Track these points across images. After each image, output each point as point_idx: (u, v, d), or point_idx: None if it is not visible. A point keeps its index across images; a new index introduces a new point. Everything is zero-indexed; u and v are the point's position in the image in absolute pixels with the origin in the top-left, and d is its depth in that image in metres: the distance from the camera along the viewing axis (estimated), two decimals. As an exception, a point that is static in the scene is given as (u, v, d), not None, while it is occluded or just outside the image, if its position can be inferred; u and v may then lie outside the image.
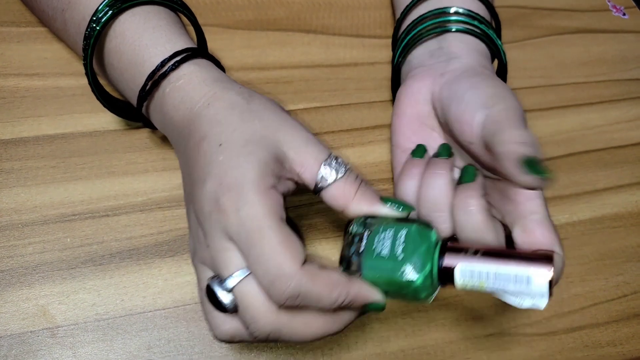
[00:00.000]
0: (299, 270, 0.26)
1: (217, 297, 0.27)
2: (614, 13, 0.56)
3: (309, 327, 0.27)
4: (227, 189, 0.27)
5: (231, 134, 0.29)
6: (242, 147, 0.28)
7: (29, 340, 0.32)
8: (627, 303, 0.41)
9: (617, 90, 0.51)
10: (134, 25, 0.33)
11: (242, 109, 0.30)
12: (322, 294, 0.26)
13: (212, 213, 0.27)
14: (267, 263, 0.26)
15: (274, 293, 0.26)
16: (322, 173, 0.29)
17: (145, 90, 0.32)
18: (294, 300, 0.26)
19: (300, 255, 0.26)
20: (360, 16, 0.49)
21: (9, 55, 0.40)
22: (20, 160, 0.37)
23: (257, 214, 0.26)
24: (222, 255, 0.27)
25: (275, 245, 0.26)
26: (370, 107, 0.44)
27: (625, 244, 0.43)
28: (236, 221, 0.26)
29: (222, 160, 0.28)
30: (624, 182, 0.46)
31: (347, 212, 0.29)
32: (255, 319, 0.27)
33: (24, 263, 0.34)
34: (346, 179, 0.29)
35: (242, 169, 0.27)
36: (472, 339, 0.37)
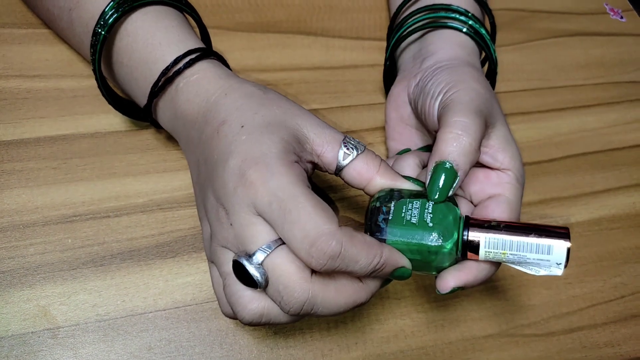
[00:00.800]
0: (338, 229, 0.26)
1: (247, 272, 0.27)
2: (612, 16, 0.57)
3: (341, 295, 0.28)
4: (254, 162, 0.27)
5: (252, 116, 0.29)
6: (264, 127, 0.29)
7: (30, 341, 0.32)
8: (625, 304, 0.41)
9: (615, 93, 0.51)
10: (146, 24, 0.34)
11: (259, 97, 0.31)
12: (361, 254, 0.26)
13: (238, 188, 0.27)
14: (306, 226, 0.26)
15: (315, 255, 0.26)
16: (343, 151, 0.30)
17: (158, 87, 0.33)
18: (334, 260, 0.26)
19: (335, 218, 0.27)
20: (360, 19, 0.50)
21: (10, 56, 0.40)
22: (21, 161, 0.37)
23: (287, 183, 0.27)
24: (249, 230, 0.27)
25: (310, 209, 0.26)
26: (370, 109, 0.45)
27: (623, 246, 0.43)
28: (266, 192, 0.26)
29: (245, 139, 0.28)
30: (622, 184, 0.46)
31: (370, 187, 0.30)
32: (289, 288, 0.27)
33: (25, 264, 0.34)
34: (366, 155, 0.30)
35: (267, 145, 0.28)
36: (471, 340, 0.37)
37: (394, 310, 0.37)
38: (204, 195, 0.31)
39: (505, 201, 0.31)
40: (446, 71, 0.35)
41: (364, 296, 0.29)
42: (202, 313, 0.35)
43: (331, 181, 0.41)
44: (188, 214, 0.37)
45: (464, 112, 0.30)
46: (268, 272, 0.27)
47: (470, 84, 0.33)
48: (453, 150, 0.29)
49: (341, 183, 0.41)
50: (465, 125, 0.30)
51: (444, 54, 0.37)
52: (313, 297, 0.27)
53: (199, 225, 0.37)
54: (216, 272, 0.30)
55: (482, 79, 0.35)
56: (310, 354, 0.35)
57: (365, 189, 0.31)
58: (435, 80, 0.35)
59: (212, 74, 0.33)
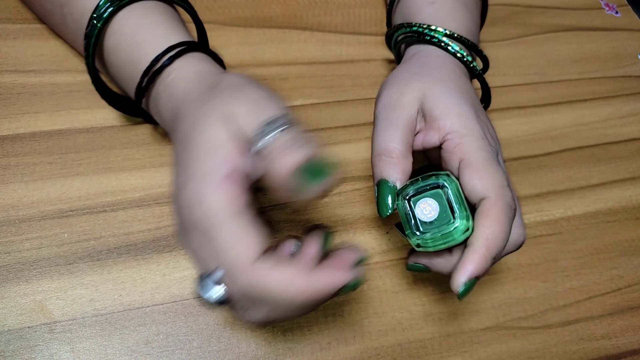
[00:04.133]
0: (250, 267, 0.25)
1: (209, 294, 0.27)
2: (607, 11, 0.57)
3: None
4: (186, 185, 0.27)
5: (191, 125, 0.28)
6: (200, 137, 0.27)
7: (27, 335, 0.32)
8: (622, 296, 0.41)
9: (610, 87, 0.52)
10: (130, 22, 0.33)
11: (205, 96, 0.29)
12: (274, 292, 0.25)
13: (182, 208, 0.27)
14: (221, 258, 0.26)
15: (231, 286, 0.26)
16: (258, 137, 0.27)
17: (142, 87, 0.32)
18: (252, 290, 0.26)
19: (254, 248, 0.26)
20: (356, 14, 0.49)
21: (5, 51, 0.40)
22: (17, 156, 0.37)
23: (216, 205, 0.26)
24: (202, 250, 0.27)
25: (233, 236, 0.25)
26: (367, 103, 0.45)
27: (619, 238, 0.43)
28: (200, 213, 0.26)
29: (187, 157, 0.28)
30: (618, 178, 0.46)
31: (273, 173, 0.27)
32: (248, 305, 0.27)
33: (21, 259, 0.34)
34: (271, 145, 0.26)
35: (198, 162, 0.27)
36: (469, 333, 0.37)
37: (392, 303, 0.37)
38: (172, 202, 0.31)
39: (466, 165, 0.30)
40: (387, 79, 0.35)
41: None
42: (200, 307, 0.35)
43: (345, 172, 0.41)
44: (185, 208, 0.37)
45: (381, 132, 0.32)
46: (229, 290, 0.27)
47: (383, 92, 0.34)
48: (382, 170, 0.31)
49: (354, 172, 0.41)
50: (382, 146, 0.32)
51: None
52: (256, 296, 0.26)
53: (195, 219, 0.37)
54: None
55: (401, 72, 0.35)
56: (309, 348, 0.35)
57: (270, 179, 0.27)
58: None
59: (186, 75, 0.32)
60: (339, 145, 0.42)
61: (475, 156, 0.30)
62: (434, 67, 0.35)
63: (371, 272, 0.38)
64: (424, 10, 0.39)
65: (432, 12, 0.39)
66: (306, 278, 0.26)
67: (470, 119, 0.31)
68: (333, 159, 0.26)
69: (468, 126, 0.31)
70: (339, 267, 0.27)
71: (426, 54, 0.37)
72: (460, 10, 0.39)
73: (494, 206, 0.29)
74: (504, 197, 0.29)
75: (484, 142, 0.31)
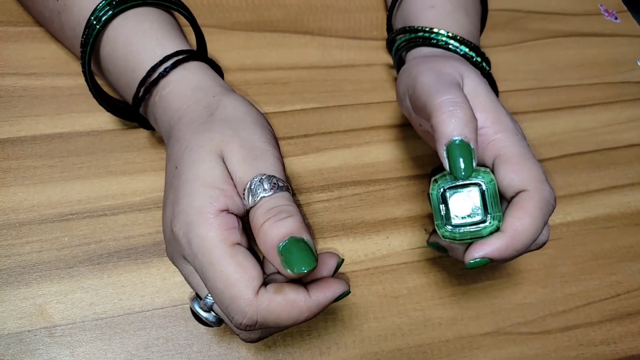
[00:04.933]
0: (253, 301, 0.25)
1: (202, 318, 0.29)
2: (606, 17, 0.57)
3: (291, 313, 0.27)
4: (177, 218, 0.27)
5: (183, 153, 0.28)
6: (191, 171, 0.27)
7: (27, 339, 0.32)
8: (621, 302, 0.41)
9: (609, 93, 0.52)
10: (125, 30, 0.33)
11: (200, 122, 0.29)
12: (281, 317, 0.26)
13: (171, 241, 0.28)
14: (222, 296, 0.26)
15: (234, 323, 0.26)
16: (245, 195, 0.27)
17: (139, 97, 0.32)
18: (253, 327, 0.26)
19: (254, 282, 0.26)
20: (357, 18, 0.50)
21: (6, 54, 0.40)
22: (17, 159, 0.37)
23: (206, 246, 0.26)
24: (192, 278, 0.28)
25: (226, 278, 0.25)
26: (367, 108, 0.45)
27: (618, 244, 0.43)
28: (190, 253, 0.26)
29: (176, 187, 0.28)
30: (617, 184, 0.47)
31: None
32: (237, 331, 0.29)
33: (21, 262, 0.34)
34: (259, 207, 0.27)
35: (191, 197, 0.27)
36: (468, 338, 0.37)
37: (392, 308, 0.37)
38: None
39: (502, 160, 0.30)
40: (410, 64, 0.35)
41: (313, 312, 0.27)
42: (200, 311, 0.35)
43: (344, 177, 0.41)
44: (185, 212, 0.37)
45: (443, 91, 0.29)
46: (219, 313, 0.28)
47: (422, 68, 0.32)
48: (454, 126, 0.28)
49: (354, 177, 0.41)
50: (451, 101, 0.28)
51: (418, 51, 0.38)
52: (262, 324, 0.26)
53: (196, 223, 0.37)
54: None
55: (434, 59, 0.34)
56: (308, 352, 0.35)
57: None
58: (399, 84, 0.35)
59: (180, 88, 0.32)
60: (340, 149, 0.42)
61: (512, 151, 0.29)
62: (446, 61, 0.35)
63: (371, 277, 0.38)
64: (424, 14, 0.39)
65: (432, 16, 0.39)
66: (305, 301, 0.26)
67: (504, 114, 0.31)
68: (311, 245, 0.26)
69: (503, 122, 0.30)
70: (332, 281, 0.28)
71: (433, 52, 0.37)
72: (460, 13, 0.39)
73: (531, 199, 0.28)
74: (542, 191, 0.29)
75: (519, 137, 0.30)
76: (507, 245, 0.28)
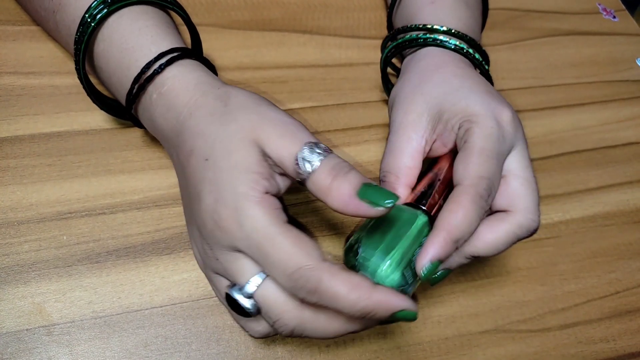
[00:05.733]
0: (319, 265, 0.26)
1: (240, 304, 0.28)
2: (604, 16, 0.57)
3: (331, 324, 0.28)
4: (224, 205, 0.27)
5: (213, 145, 0.28)
6: (226, 160, 0.28)
7: (25, 338, 0.32)
8: (620, 300, 0.41)
9: (607, 91, 0.52)
10: (120, 28, 0.33)
11: (220, 114, 0.29)
12: (340, 292, 0.25)
13: (215, 231, 0.27)
14: (286, 265, 0.26)
15: (295, 290, 0.26)
16: (299, 164, 0.27)
17: (132, 94, 0.32)
18: (313, 295, 0.26)
19: (315, 253, 0.26)
20: (355, 17, 0.50)
21: (4, 53, 0.40)
22: (16, 158, 0.36)
23: (261, 224, 0.26)
24: (235, 265, 0.28)
25: (288, 249, 0.26)
26: (366, 106, 0.45)
27: (617, 242, 0.44)
28: (243, 236, 0.27)
29: (212, 178, 0.28)
30: (615, 181, 0.47)
31: (328, 203, 0.27)
32: (279, 317, 0.28)
33: (19, 261, 0.34)
34: (321, 170, 0.27)
35: (232, 184, 0.27)
36: (467, 336, 0.37)
37: (391, 306, 0.37)
38: (189, 222, 0.31)
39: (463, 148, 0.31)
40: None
41: (357, 326, 0.28)
42: (199, 310, 0.35)
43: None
44: (184, 210, 0.37)
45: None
46: (259, 302, 0.28)
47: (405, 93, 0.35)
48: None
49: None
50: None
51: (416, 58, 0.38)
52: (301, 325, 0.27)
53: (195, 222, 0.37)
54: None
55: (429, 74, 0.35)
56: (308, 350, 0.35)
57: (326, 203, 0.28)
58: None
59: (181, 84, 0.31)
60: (339, 148, 0.42)
61: (474, 144, 0.30)
62: (434, 69, 0.35)
63: (370, 275, 0.38)
64: (424, 10, 0.39)
65: (431, 11, 0.39)
66: (369, 289, 0.26)
67: (480, 105, 0.31)
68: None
69: (478, 113, 0.31)
70: (400, 295, 0.27)
71: (424, 57, 0.37)
72: (460, 8, 0.40)
73: (463, 193, 0.29)
74: (476, 186, 0.29)
75: (491, 132, 0.31)
76: (445, 239, 0.28)
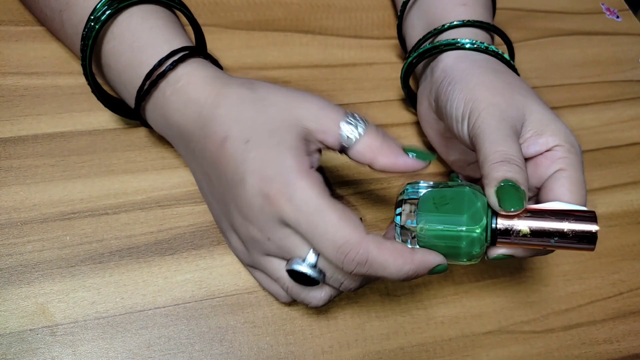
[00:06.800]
0: (365, 237, 0.27)
1: (306, 275, 0.29)
2: (608, 16, 0.57)
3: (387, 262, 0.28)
4: (272, 180, 0.28)
5: (252, 128, 0.29)
6: (269, 139, 0.29)
7: (29, 338, 0.32)
8: (624, 301, 0.41)
9: (611, 92, 0.52)
10: (131, 26, 0.33)
11: (251, 100, 0.30)
12: (389, 261, 0.27)
13: (264, 207, 0.28)
14: (334, 237, 0.27)
15: (345, 263, 0.27)
16: (344, 132, 0.30)
17: (144, 91, 0.32)
18: (363, 266, 0.27)
19: (360, 226, 0.27)
20: (358, 17, 0.50)
21: (7, 54, 0.40)
22: (19, 158, 0.36)
23: (309, 197, 0.27)
24: (289, 240, 0.29)
25: (336, 221, 0.27)
26: (369, 107, 0.45)
27: (621, 243, 0.43)
28: (292, 209, 0.27)
29: (255, 156, 0.28)
30: (619, 182, 0.46)
31: (374, 166, 0.30)
32: (346, 276, 0.29)
33: (23, 261, 0.34)
34: (369, 133, 0.30)
35: (279, 160, 0.28)
36: (471, 337, 0.37)
37: (394, 307, 0.37)
38: (227, 212, 0.31)
39: (563, 175, 0.31)
40: (457, 88, 0.35)
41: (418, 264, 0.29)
42: (202, 310, 0.35)
43: (345, 176, 0.41)
44: (187, 211, 0.37)
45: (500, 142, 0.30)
46: (324, 268, 0.29)
47: (488, 101, 0.33)
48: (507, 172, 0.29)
49: (356, 176, 0.41)
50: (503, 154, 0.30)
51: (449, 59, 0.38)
52: (365, 277, 0.29)
53: (197, 222, 0.37)
54: (261, 274, 0.33)
55: (494, 80, 0.34)
56: (310, 351, 0.35)
57: (371, 166, 0.31)
58: (452, 102, 0.34)
59: (197, 79, 0.32)
60: (341, 148, 0.42)
61: (575, 174, 0.32)
62: (515, 76, 0.36)
63: (373, 275, 0.38)
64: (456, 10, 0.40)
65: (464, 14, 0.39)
66: (411, 253, 0.28)
67: (573, 137, 0.33)
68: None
69: (575, 145, 0.33)
70: (434, 252, 0.30)
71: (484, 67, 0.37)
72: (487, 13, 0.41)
73: None
74: None
75: (582, 162, 0.33)
76: None
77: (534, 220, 0.29)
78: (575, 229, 0.29)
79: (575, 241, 0.29)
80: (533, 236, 0.29)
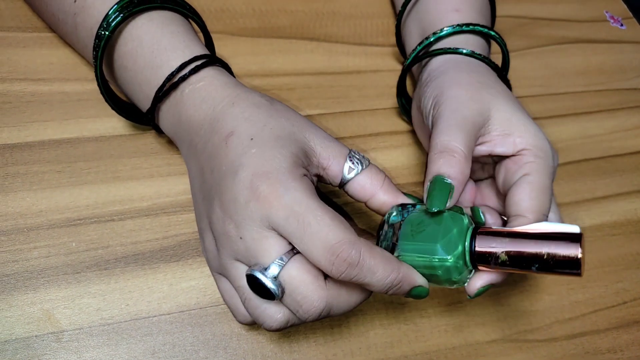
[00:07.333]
0: (358, 239, 0.27)
1: (264, 285, 0.27)
2: (612, 24, 0.57)
3: (352, 296, 0.29)
4: (265, 176, 0.27)
5: (261, 129, 0.30)
6: (274, 142, 0.29)
7: (34, 344, 0.32)
8: (627, 310, 0.41)
9: (615, 100, 0.52)
10: (152, 29, 0.34)
11: (267, 108, 0.31)
12: (378, 266, 0.27)
13: (250, 202, 0.27)
14: (327, 237, 0.26)
15: (336, 263, 0.26)
16: (348, 166, 0.31)
17: (163, 91, 0.33)
18: (353, 268, 0.26)
19: (351, 229, 0.27)
20: (362, 25, 0.50)
21: (15, 60, 0.40)
22: (26, 164, 0.37)
23: (301, 197, 0.27)
24: (261, 243, 0.27)
25: (329, 221, 0.27)
26: (373, 114, 0.45)
27: (625, 252, 0.43)
28: (282, 206, 0.27)
29: (256, 152, 0.28)
30: (623, 190, 0.47)
31: (373, 202, 0.31)
32: (307, 298, 0.27)
33: (29, 267, 0.34)
34: (370, 170, 0.31)
35: (277, 160, 0.28)
36: (475, 345, 0.37)
37: (398, 315, 0.37)
38: (208, 207, 0.30)
39: (526, 181, 0.31)
40: (431, 85, 0.35)
41: (368, 295, 0.30)
42: (206, 317, 0.35)
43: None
44: (192, 217, 0.37)
45: (444, 131, 0.31)
46: (284, 283, 0.27)
47: (451, 93, 0.33)
48: (441, 166, 0.30)
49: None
50: (444, 143, 0.30)
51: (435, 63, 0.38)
52: (328, 304, 0.28)
53: (202, 229, 0.37)
54: (226, 283, 0.31)
55: (465, 77, 0.34)
56: (314, 359, 0.35)
57: (368, 203, 0.31)
58: (425, 100, 0.35)
59: (219, 82, 0.33)
60: (346, 156, 0.42)
61: (539, 179, 0.31)
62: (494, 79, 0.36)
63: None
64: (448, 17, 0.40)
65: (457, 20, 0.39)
66: (398, 264, 0.28)
67: (544, 141, 0.32)
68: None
69: (543, 149, 0.32)
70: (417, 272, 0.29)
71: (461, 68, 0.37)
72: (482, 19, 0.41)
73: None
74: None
75: (552, 169, 0.32)
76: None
77: (512, 245, 0.27)
78: (556, 253, 0.26)
79: (557, 267, 0.26)
80: (512, 263, 0.27)
